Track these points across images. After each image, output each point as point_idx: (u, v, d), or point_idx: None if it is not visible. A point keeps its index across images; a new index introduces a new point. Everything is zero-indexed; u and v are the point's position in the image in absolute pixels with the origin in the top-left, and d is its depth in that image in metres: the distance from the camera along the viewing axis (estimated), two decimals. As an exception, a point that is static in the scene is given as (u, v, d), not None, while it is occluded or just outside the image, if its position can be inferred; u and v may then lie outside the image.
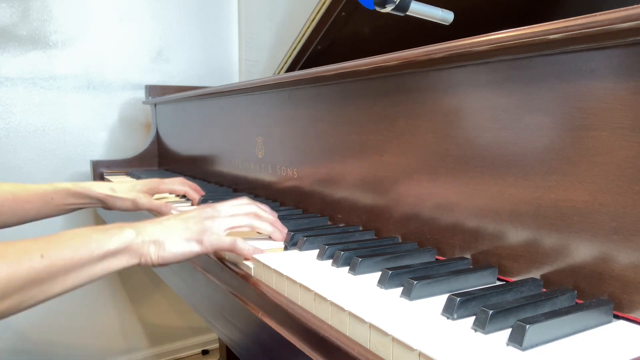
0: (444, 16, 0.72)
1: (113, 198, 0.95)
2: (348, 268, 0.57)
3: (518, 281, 0.49)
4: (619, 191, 0.43)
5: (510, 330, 0.38)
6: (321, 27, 1.06)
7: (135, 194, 0.95)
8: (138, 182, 1.00)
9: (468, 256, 0.58)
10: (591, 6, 0.61)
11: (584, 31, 0.42)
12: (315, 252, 0.64)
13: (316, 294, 0.49)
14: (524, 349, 0.37)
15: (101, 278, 0.57)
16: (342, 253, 0.59)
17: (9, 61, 1.59)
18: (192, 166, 1.43)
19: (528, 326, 0.37)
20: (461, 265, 0.56)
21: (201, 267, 0.74)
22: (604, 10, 0.41)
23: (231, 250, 0.64)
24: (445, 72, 0.59)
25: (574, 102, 0.46)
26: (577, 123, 0.46)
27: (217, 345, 1.92)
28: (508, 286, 0.47)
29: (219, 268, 0.68)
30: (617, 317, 0.43)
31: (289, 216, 0.82)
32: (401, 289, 0.49)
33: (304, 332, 0.49)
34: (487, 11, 1.01)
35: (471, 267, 0.56)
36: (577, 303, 0.45)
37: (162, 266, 0.61)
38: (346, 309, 0.45)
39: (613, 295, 0.44)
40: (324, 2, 1.01)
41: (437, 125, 0.61)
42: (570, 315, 0.40)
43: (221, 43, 1.97)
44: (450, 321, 0.42)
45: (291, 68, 1.20)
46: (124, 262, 0.58)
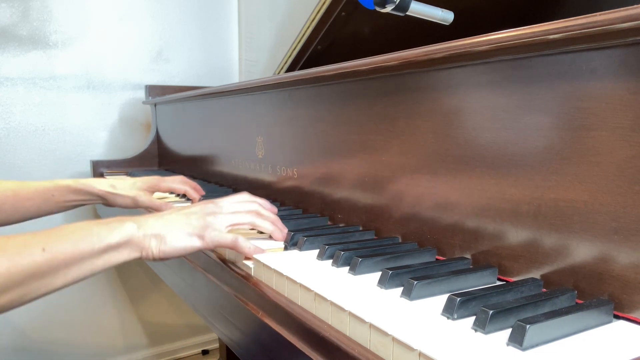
0: (444, 16, 0.72)
1: (114, 195, 0.95)
2: (348, 268, 0.57)
3: (518, 281, 0.49)
4: (619, 191, 0.43)
5: (510, 330, 0.38)
6: (321, 27, 1.06)
7: (135, 192, 0.95)
8: (139, 180, 1.00)
9: (468, 256, 0.58)
10: (591, 6, 0.61)
11: (584, 31, 0.42)
12: (315, 252, 0.64)
13: (316, 294, 0.49)
14: (524, 349, 0.37)
15: (102, 271, 0.57)
16: (342, 253, 0.59)
17: (9, 61, 1.59)
18: (192, 166, 1.43)
19: (528, 326, 0.37)
20: (461, 265, 0.56)
21: (201, 267, 0.74)
22: (604, 10, 0.41)
23: (232, 247, 0.64)
24: (445, 72, 0.59)
25: (574, 102, 0.46)
26: (577, 123, 0.46)
27: (217, 345, 1.92)
28: (508, 286, 0.47)
29: (219, 268, 0.68)
30: (617, 317, 0.43)
31: (289, 216, 0.82)
32: (401, 289, 0.49)
33: (304, 332, 0.49)
34: (487, 11, 1.01)
35: (471, 267, 0.56)
36: (577, 303, 0.45)
37: (163, 260, 0.60)
38: (346, 309, 0.45)
39: (613, 295, 0.44)
40: (324, 2, 1.01)
41: (437, 125, 0.61)
42: (570, 315, 0.40)
43: (221, 43, 1.97)
44: (450, 321, 0.42)
45: (291, 68, 1.20)
46: (125, 256, 0.58)
